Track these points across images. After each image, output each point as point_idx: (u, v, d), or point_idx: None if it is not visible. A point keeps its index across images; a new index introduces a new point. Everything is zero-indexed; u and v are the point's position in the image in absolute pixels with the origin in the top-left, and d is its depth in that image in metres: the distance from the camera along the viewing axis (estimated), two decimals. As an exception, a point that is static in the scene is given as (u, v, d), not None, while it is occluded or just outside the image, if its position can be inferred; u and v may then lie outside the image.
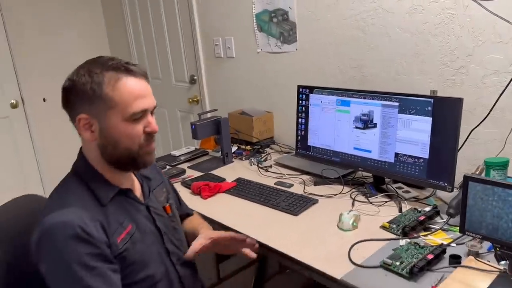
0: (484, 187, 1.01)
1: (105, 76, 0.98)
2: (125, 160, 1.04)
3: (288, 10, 2.14)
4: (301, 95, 1.85)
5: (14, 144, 3.44)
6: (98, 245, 0.94)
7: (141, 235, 1.08)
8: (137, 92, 1.01)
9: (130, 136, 1.01)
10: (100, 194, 1.03)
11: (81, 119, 1.00)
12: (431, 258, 1.16)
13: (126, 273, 1.02)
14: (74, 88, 1.00)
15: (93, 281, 0.92)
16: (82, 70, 1.01)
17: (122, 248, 1.00)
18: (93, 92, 0.98)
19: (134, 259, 1.03)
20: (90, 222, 0.95)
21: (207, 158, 2.27)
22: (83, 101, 0.99)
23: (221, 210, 1.64)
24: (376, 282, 1.14)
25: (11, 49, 3.32)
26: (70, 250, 0.91)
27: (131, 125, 1.01)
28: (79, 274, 0.92)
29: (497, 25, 1.44)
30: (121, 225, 1.02)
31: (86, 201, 1.00)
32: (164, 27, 3.08)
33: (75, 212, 0.95)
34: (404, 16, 1.69)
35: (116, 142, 1.01)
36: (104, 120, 0.99)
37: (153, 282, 1.08)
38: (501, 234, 1.01)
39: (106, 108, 0.99)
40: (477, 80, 1.55)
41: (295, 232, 1.44)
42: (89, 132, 1.01)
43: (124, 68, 1.00)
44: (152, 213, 1.14)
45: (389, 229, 1.37)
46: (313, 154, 1.85)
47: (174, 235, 1.20)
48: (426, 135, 1.45)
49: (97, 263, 0.94)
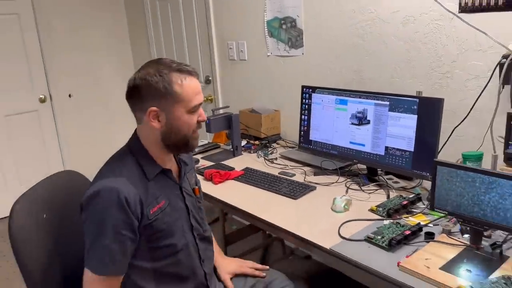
0: (449, 170, 1.20)
1: (173, 76, 1.19)
2: (181, 144, 1.26)
3: (296, 18, 2.35)
4: (304, 94, 2.06)
5: (41, 135, 3.72)
6: (131, 216, 1.14)
7: (171, 210, 1.28)
8: (197, 90, 1.23)
9: (189, 124, 1.24)
10: (148, 170, 1.24)
11: (151, 111, 1.20)
12: (408, 234, 1.35)
13: (153, 238, 1.23)
14: (147, 85, 1.19)
15: (112, 243, 1.12)
16: (151, 70, 1.20)
17: (153, 219, 1.21)
18: (165, 89, 1.18)
19: (162, 228, 1.24)
20: (132, 195, 1.15)
21: (219, 150, 2.48)
22: (155, 96, 1.19)
23: (230, 194, 1.85)
24: (360, 252, 1.33)
25: (42, 48, 3.61)
26: (109, 211, 1.12)
27: (190, 116, 1.23)
28: (106, 232, 1.12)
29: (477, 35, 1.63)
30: (156, 200, 1.23)
31: (135, 176, 1.21)
32: (183, 31, 3.32)
33: (124, 183, 1.15)
34: (398, 26, 1.89)
35: (178, 129, 1.23)
36: (171, 112, 1.21)
37: (175, 250, 1.28)
38: (463, 210, 1.21)
39: (174, 102, 1.20)
40: (460, 84, 1.74)
41: (294, 212, 1.64)
42: (156, 122, 1.21)
43: (186, 70, 1.22)
44: (184, 193, 1.34)
45: (376, 212, 1.57)
46: (314, 148, 2.06)
47: (198, 213, 1.40)
48: (412, 130, 1.65)
49: (124, 230, 1.14)
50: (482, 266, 1.18)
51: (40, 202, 1.31)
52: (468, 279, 1.13)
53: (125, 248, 1.16)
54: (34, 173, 3.48)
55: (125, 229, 1.14)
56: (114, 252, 1.13)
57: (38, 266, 1.23)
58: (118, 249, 1.14)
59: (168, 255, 1.26)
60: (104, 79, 3.95)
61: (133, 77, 1.22)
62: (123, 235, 1.14)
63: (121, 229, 1.13)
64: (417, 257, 1.26)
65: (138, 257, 1.21)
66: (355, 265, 1.29)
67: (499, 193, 1.14)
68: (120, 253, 1.15)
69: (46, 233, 1.29)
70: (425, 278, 1.16)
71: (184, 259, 1.30)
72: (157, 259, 1.25)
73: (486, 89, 1.62)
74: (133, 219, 1.15)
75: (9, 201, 1.24)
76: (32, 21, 3.52)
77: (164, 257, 1.26)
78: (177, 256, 1.28)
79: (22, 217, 1.24)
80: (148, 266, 1.24)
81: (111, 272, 1.15)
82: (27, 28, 3.51)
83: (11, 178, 3.58)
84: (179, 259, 1.29)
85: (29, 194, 1.31)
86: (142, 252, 1.22)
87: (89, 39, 3.86)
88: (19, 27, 3.48)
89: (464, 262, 1.20)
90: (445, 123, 1.70)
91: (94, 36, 3.88)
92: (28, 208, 1.27)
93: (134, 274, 1.22)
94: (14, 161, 3.61)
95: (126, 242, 1.15)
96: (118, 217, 1.13)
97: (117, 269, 1.16)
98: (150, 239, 1.22)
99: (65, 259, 1.31)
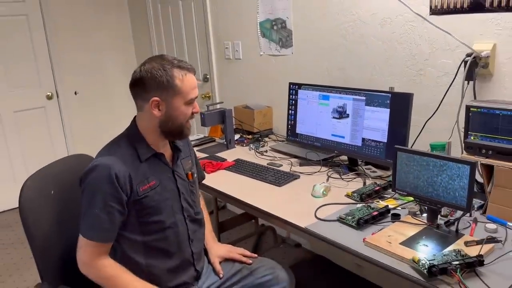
0: (407, 155, 1.35)
1: (175, 71, 1.35)
2: (176, 131, 1.42)
3: (286, 19, 2.50)
4: (291, 90, 2.21)
5: (48, 131, 3.90)
6: (119, 190, 1.31)
7: (162, 190, 1.43)
8: (194, 84, 1.39)
9: (185, 115, 1.40)
10: (141, 152, 1.40)
11: (153, 101, 1.36)
12: (376, 215, 1.49)
13: (143, 214, 1.38)
14: (151, 77, 1.35)
15: (101, 212, 1.29)
16: (156, 65, 1.35)
17: (142, 195, 1.37)
18: (168, 82, 1.34)
19: (150, 205, 1.39)
20: (122, 172, 1.32)
21: (214, 144, 2.64)
22: (158, 87, 1.35)
23: (221, 182, 2.00)
24: (332, 230, 1.47)
25: (49, 47, 3.78)
26: (100, 185, 1.30)
27: (187, 107, 1.40)
28: (96, 202, 1.30)
29: (446, 36, 1.77)
30: (146, 179, 1.39)
31: (128, 156, 1.37)
32: (183, 32, 3.49)
33: (116, 161, 1.33)
34: (377, 27, 2.04)
35: (175, 118, 1.39)
36: (171, 103, 1.37)
37: (163, 226, 1.43)
38: (420, 191, 1.35)
39: (174, 94, 1.36)
40: (432, 80, 1.88)
41: (276, 197, 1.79)
42: (157, 110, 1.37)
43: (185, 67, 1.38)
44: (176, 176, 1.49)
45: (351, 197, 1.71)
46: (300, 140, 2.21)
47: (190, 196, 1.55)
48: (385, 123, 1.79)
49: (112, 202, 1.30)
50: (438, 242, 1.32)
51: (50, 179, 1.49)
52: (424, 252, 1.27)
53: (113, 218, 1.32)
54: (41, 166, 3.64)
55: (113, 201, 1.31)
56: (103, 220, 1.30)
57: (41, 232, 1.43)
58: (107, 218, 1.31)
59: (156, 230, 1.41)
60: (109, 77, 4.13)
61: (139, 69, 1.38)
62: (111, 206, 1.31)
63: (110, 201, 1.30)
64: (381, 234, 1.40)
65: (129, 231, 1.38)
66: (327, 241, 1.44)
67: (449, 174, 1.28)
68: (108, 222, 1.31)
69: (52, 206, 1.47)
70: (386, 252, 1.30)
71: (171, 236, 1.45)
72: (147, 234, 1.40)
73: (453, 85, 1.76)
74: (122, 193, 1.31)
75: (17, 192, 1.42)
76: (40, 21, 3.70)
77: (153, 232, 1.41)
78: (165, 232, 1.43)
79: (32, 191, 1.43)
80: (139, 239, 1.39)
81: (99, 238, 1.32)
82: (35, 28, 3.69)
83: (19, 171, 3.75)
84: (167, 235, 1.44)
85: (41, 172, 1.51)
86: (133, 226, 1.38)
87: (94, 39, 4.03)
88: (28, 27, 3.66)
89: (422, 239, 1.34)
90: (418, 116, 1.86)
91: (99, 36, 4.05)
92: (38, 184, 1.47)
93: (125, 245, 1.38)
94: (22, 155, 3.79)
95: (114, 213, 1.32)
96: (108, 190, 1.30)
97: (104, 236, 1.33)
98: (140, 214, 1.38)
99: (66, 229, 1.48)
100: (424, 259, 1.17)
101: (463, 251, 1.22)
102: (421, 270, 1.16)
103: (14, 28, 3.60)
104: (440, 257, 1.20)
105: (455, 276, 1.12)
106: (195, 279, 1.54)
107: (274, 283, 1.56)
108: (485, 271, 1.17)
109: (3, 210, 3.79)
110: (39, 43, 3.72)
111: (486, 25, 1.66)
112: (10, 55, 3.62)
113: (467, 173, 1.24)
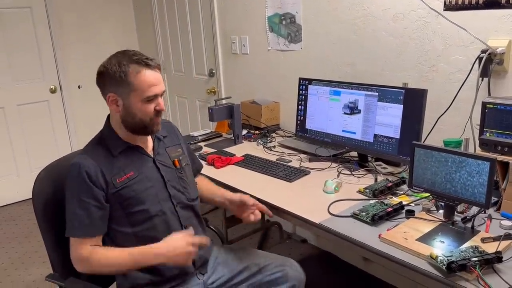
0: (425, 151, 1.34)
1: (130, 67, 1.34)
2: (138, 128, 1.42)
3: (295, 14, 2.49)
4: (301, 86, 2.20)
5: (51, 124, 3.88)
6: (91, 186, 1.33)
7: (142, 179, 1.43)
8: (152, 81, 1.37)
9: (144, 112, 1.38)
10: (112, 148, 1.42)
11: (110, 96, 1.38)
12: (390, 211, 1.49)
13: (126, 205, 1.40)
14: (107, 73, 1.36)
15: (77, 209, 1.34)
16: (114, 60, 1.36)
17: (120, 187, 1.38)
18: (121, 78, 1.34)
19: (130, 196, 1.40)
20: (93, 168, 1.35)
21: (221, 139, 2.63)
22: (112, 83, 1.36)
23: (231, 177, 1.99)
24: (346, 226, 1.47)
25: (53, 41, 3.76)
26: (74, 183, 1.35)
27: (146, 104, 1.38)
28: (72, 200, 1.34)
29: (460, 32, 1.76)
30: (123, 171, 1.40)
31: (99, 153, 1.40)
32: (188, 26, 3.46)
33: (86, 159, 1.37)
34: (389, 22, 2.03)
35: (134, 115, 1.38)
36: (127, 99, 1.37)
37: (148, 215, 1.42)
38: (437, 187, 1.35)
39: (129, 91, 1.35)
40: (445, 77, 1.87)
41: (288, 193, 1.79)
42: (115, 106, 1.39)
43: (144, 63, 1.36)
44: (158, 164, 1.49)
45: (363, 193, 1.70)
46: (310, 136, 2.20)
47: (180, 183, 1.53)
48: (398, 119, 1.78)
49: (86, 198, 1.33)
50: (455, 238, 1.31)
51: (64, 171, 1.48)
52: (440, 249, 1.27)
53: (90, 213, 1.34)
54: (44, 160, 3.62)
55: (87, 197, 1.34)
56: (81, 216, 1.34)
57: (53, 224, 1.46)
58: (84, 214, 1.34)
59: (143, 220, 1.42)
60: (112, 72, 4.09)
61: (101, 64, 1.38)
62: (86, 202, 1.34)
63: (84, 197, 1.34)
64: (397, 230, 1.39)
65: (119, 224, 1.40)
66: (341, 237, 1.43)
67: (468, 171, 1.28)
68: (87, 217, 1.34)
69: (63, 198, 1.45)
70: (402, 248, 1.30)
71: (160, 224, 1.44)
72: (135, 224, 1.41)
73: (467, 81, 1.75)
74: (95, 188, 1.34)
75: (20, 186, 1.44)
76: (43, 14, 3.67)
77: (141, 222, 1.42)
78: (153, 221, 1.43)
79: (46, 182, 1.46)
80: (129, 231, 1.41)
81: (81, 234, 1.35)
82: (39, 21, 3.66)
83: (22, 165, 3.73)
84: (155, 224, 1.44)
85: (54, 164, 1.53)
86: (121, 218, 1.40)
87: (98, 32, 4.00)
88: (32, 20, 3.63)
89: (438, 235, 1.34)
90: (430, 113, 1.85)
91: (102, 29, 4.03)
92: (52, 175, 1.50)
93: (118, 239, 1.41)
94: (25, 149, 3.77)
95: (90, 208, 1.34)
96: (79, 187, 1.34)
97: (86, 231, 1.35)
98: (123, 206, 1.39)
99: None
100: (442, 255, 1.16)
101: (480, 247, 1.21)
102: (439, 266, 1.16)
103: (17, 21, 3.57)
104: (458, 254, 1.20)
105: (474, 272, 1.12)
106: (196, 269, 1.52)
107: (283, 280, 1.54)
108: (503, 268, 1.17)
109: (6, 204, 3.77)
110: (43, 36, 3.70)
111: (502, 22, 1.64)
112: (13, 48, 3.59)
113: (486, 169, 1.24)
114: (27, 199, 3.54)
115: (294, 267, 1.59)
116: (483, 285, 1.09)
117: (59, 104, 3.89)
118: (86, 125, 4.00)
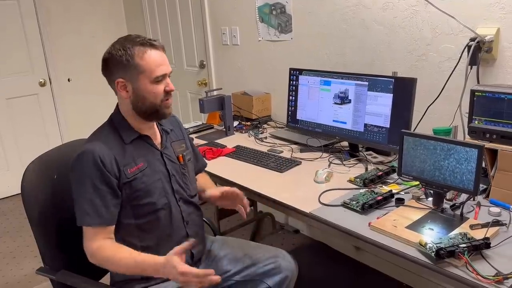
0: (414, 139, 1.35)
1: (135, 49, 1.33)
2: (150, 112, 1.39)
3: (285, 4, 2.47)
4: (292, 76, 2.19)
5: (41, 118, 3.84)
6: (106, 173, 1.30)
7: (151, 172, 1.42)
8: (158, 61, 1.35)
9: (154, 94, 1.37)
10: (124, 135, 1.40)
11: (118, 82, 1.35)
12: (380, 199, 1.50)
13: (134, 197, 1.37)
14: (113, 59, 1.34)
15: (94, 197, 1.30)
16: (117, 45, 1.34)
17: (131, 178, 1.36)
18: (128, 62, 1.32)
19: (140, 187, 1.38)
20: (107, 155, 1.32)
21: (212, 131, 2.62)
22: (119, 68, 1.34)
23: (222, 168, 1.99)
24: (337, 215, 1.47)
25: (41, 33, 3.71)
26: (88, 170, 1.30)
27: (155, 85, 1.36)
28: (86, 187, 1.30)
29: (449, 20, 1.76)
30: (134, 161, 1.38)
31: (111, 140, 1.37)
32: (178, 17, 3.43)
33: (100, 145, 1.33)
34: (378, 11, 2.02)
35: (144, 98, 1.36)
36: (136, 82, 1.34)
37: (155, 208, 1.41)
38: (426, 175, 1.35)
39: (137, 73, 1.33)
40: (434, 65, 1.88)
41: (279, 183, 1.79)
42: (124, 92, 1.36)
43: (149, 43, 1.35)
44: (165, 158, 1.48)
45: (354, 182, 1.71)
46: (301, 126, 2.20)
47: (182, 178, 1.53)
48: (388, 108, 1.79)
49: (101, 185, 1.30)
50: (444, 225, 1.32)
51: (53, 163, 1.48)
52: (430, 236, 1.28)
53: (106, 201, 1.31)
54: (35, 154, 3.60)
55: (102, 184, 1.31)
56: (96, 204, 1.30)
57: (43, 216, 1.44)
58: (99, 202, 1.30)
59: (149, 212, 1.40)
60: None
61: (105, 52, 1.37)
62: (101, 189, 1.30)
63: (99, 184, 1.30)
64: (386, 218, 1.40)
65: (123, 216, 1.37)
66: (331, 225, 1.44)
67: (456, 158, 1.28)
68: (102, 205, 1.31)
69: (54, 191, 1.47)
70: (392, 235, 1.31)
71: (164, 218, 1.43)
72: (140, 217, 1.39)
73: (456, 69, 1.76)
74: (109, 176, 1.31)
75: (11, 180, 1.42)
76: (31, 6, 3.61)
77: (146, 214, 1.40)
78: (158, 214, 1.42)
79: (35, 174, 1.43)
80: (132, 223, 1.39)
81: (98, 223, 1.31)
82: (27, 14, 3.60)
83: (12, 159, 3.70)
84: (159, 217, 1.42)
85: (43, 157, 1.51)
86: (126, 210, 1.37)
87: (87, 24, 3.95)
88: (19, 12, 3.58)
89: (428, 222, 1.35)
90: (420, 101, 1.85)
91: (92, 21, 3.98)
92: (41, 168, 1.47)
93: (121, 230, 1.38)
94: (15, 143, 3.74)
95: (106, 196, 1.31)
96: (95, 174, 1.30)
97: (102, 220, 1.31)
98: (131, 198, 1.37)
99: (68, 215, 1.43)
100: (431, 243, 1.17)
101: (469, 234, 1.22)
102: (428, 253, 1.17)
103: (4, 14, 3.52)
104: (447, 240, 1.21)
105: (462, 258, 1.13)
106: (192, 262, 1.52)
107: (276, 272, 1.54)
108: (491, 254, 1.18)
109: (-4, 199, 3.75)
110: (31, 29, 3.65)
111: (491, 10, 1.65)
112: (1, 42, 3.53)
113: (474, 156, 1.25)
114: (18, 194, 3.51)
115: (287, 258, 1.59)
116: (471, 271, 1.10)
117: (49, 97, 3.85)
118: (77, 119, 3.97)
